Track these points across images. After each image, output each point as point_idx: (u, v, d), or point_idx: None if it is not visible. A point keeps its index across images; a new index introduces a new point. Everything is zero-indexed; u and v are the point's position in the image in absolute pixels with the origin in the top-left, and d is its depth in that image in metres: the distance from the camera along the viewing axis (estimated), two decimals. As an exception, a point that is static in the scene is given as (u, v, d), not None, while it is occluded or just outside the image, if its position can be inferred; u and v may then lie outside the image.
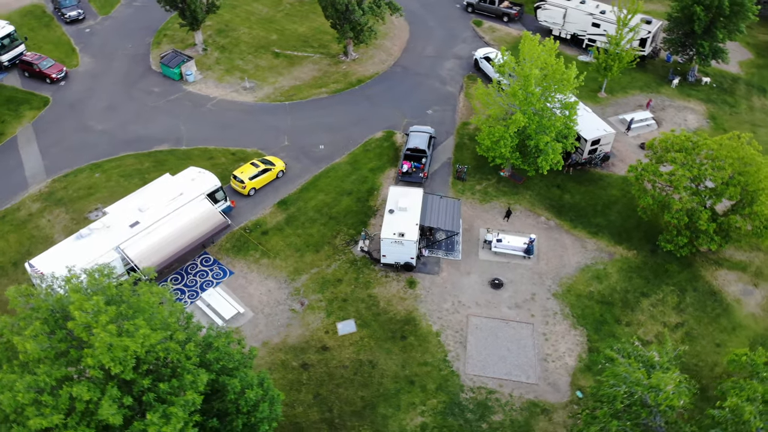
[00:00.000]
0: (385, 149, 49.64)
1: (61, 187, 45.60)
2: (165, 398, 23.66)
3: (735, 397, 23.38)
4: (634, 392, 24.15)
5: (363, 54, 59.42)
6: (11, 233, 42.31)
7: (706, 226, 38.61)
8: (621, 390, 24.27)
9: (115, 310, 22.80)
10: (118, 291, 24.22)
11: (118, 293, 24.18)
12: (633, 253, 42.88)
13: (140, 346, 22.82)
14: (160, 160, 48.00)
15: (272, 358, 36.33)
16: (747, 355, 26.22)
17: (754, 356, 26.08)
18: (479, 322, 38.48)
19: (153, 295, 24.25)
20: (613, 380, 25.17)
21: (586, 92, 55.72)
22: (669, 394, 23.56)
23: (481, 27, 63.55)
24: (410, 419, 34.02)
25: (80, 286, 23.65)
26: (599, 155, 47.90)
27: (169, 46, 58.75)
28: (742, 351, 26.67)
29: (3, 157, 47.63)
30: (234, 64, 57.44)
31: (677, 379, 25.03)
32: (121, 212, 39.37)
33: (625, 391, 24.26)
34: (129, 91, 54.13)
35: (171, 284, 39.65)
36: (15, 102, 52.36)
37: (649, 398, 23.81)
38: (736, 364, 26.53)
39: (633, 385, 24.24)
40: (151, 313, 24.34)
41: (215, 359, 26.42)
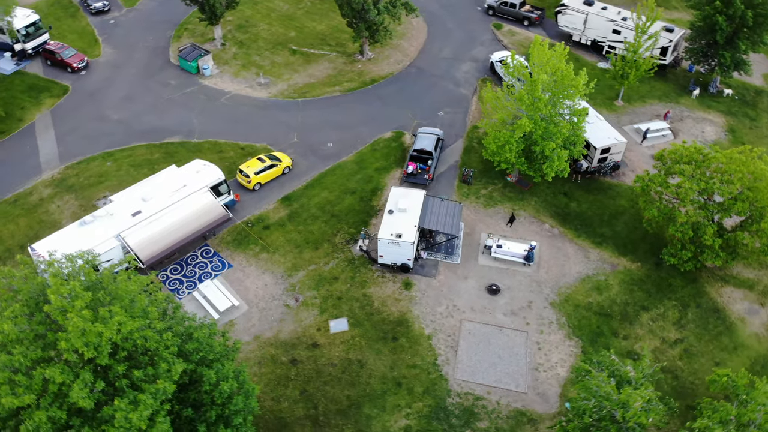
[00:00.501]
0: (393, 149, 49.57)
1: (73, 174, 46.65)
2: (139, 385, 24.03)
3: (706, 419, 22.72)
4: (603, 407, 23.66)
5: (379, 54, 59.42)
6: (21, 217, 43.44)
7: (712, 241, 37.65)
8: (590, 404, 23.79)
9: (91, 296, 23.24)
10: (98, 277, 24.68)
11: (98, 280, 24.65)
12: (637, 265, 42.03)
13: (115, 332, 23.21)
14: (171, 152, 48.74)
15: (262, 352, 36.60)
16: (728, 375, 25.45)
17: (736, 377, 25.30)
18: (472, 328, 38.16)
19: (132, 284, 24.63)
20: (584, 393, 24.71)
21: (602, 100, 54.85)
22: (637, 411, 23.01)
23: (500, 30, 62.97)
24: (394, 421, 33.93)
25: (61, 271, 24.17)
26: (609, 164, 47.06)
27: (188, 40, 59.61)
28: (723, 371, 25.92)
29: (20, 142, 48.93)
30: (251, 60, 58.01)
31: (648, 396, 24.41)
32: (125, 201, 40.11)
33: (594, 405, 23.78)
34: (147, 83, 55.09)
35: (170, 274, 40.29)
36: (36, 89, 53.75)
37: (617, 414, 23.30)
38: (717, 384, 25.77)
39: (602, 399, 23.74)
40: (131, 300, 24.72)
41: (194, 350, 26.73)
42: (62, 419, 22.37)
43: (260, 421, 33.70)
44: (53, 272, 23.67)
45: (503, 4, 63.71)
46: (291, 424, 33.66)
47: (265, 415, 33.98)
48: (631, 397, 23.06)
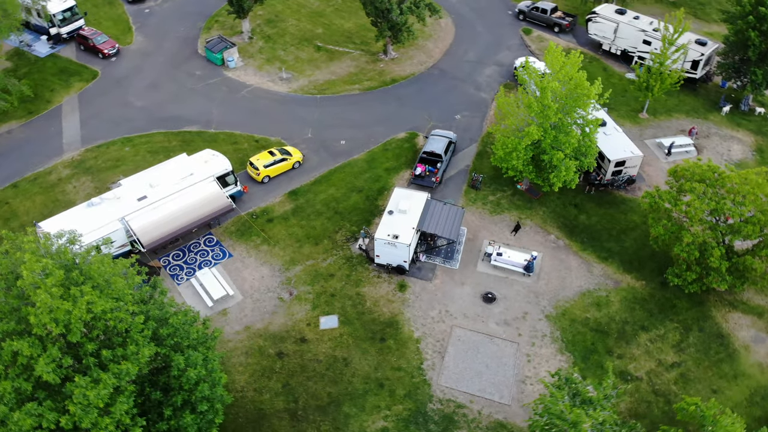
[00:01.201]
0: (405, 150, 49.40)
1: (92, 157, 48.14)
2: (106, 364, 24.65)
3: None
4: (553, 425, 23.02)
5: (403, 54, 59.30)
6: (38, 195, 45.07)
7: (718, 264, 36.20)
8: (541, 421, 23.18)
9: (63, 274, 23.96)
10: (73, 257, 25.43)
11: (74, 260, 25.40)
12: (641, 283, 40.79)
13: (85, 311, 23.86)
14: (187, 140, 49.77)
15: (251, 343, 37.03)
16: (697, 404, 24.39)
17: (704, 407, 24.22)
18: (463, 334, 37.72)
19: (106, 266, 25.27)
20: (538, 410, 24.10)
21: (626, 111, 53.46)
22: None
23: (529, 35, 61.99)
24: (372, 422, 33.84)
25: (38, 248, 25.00)
26: (623, 177, 45.77)
27: (218, 32, 60.72)
28: (692, 400, 24.84)
29: (46, 123, 50.75)
30: (275, 54, 58.70)
31: (601, 417, 23.59)
32: (134, 185, 41.15)
33: (546, 423, 23.15)
34: (172, 72, 56.37)
35: (171, 259, 41.16)
36: (67, 73, 55.66)
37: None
38: (685, 413, 24.74)
39: (554, 417, 23.09)
40: (106, 282, 25.36)
41: (168, 335, 27.25)
42: (27, 391, 23.14)
43: (240, 410, 34.13)
44: (29, 249, 24.50)
45: (534, 9, 62.72)
46: (270, 416, 33.95)
47: (246, 405, 34.38)
48: (581, 418, 22.35)
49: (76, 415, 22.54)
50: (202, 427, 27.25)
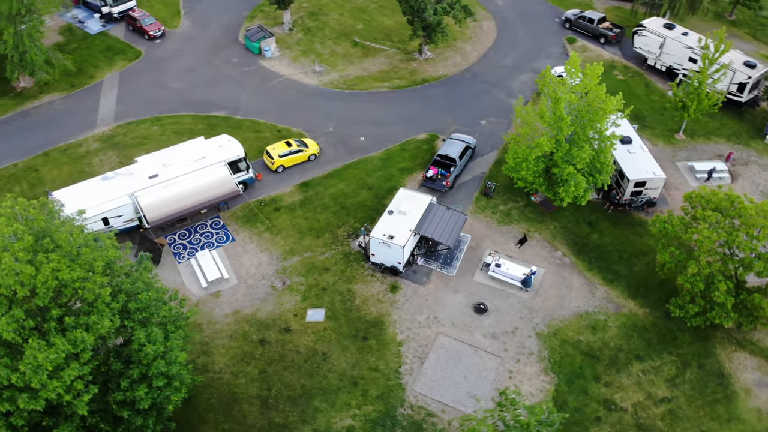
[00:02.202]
0: (422, 152, 48.96)
1: (122, 133, 50.14)
2: (68, 330, 25.69)
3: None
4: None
5: (438, 55, 58.73)
6: (66, 165, 47.33)
7: (723, 299, 34.11)
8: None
9: (32, 240, 25.13)
10: (46, 225, 26.60)
11: (47, 227, 26.56)
12: (644, 311, 38.95)
13: (50, 277, 24.95)
14: (213, 125, 51.05)
15: (237, 327, 37.69)
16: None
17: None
18: (447, 343, 37.11)
19: (73, 236, 26.28)
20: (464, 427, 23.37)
21: (662, 131, 51.12)
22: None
23: (573, 45, 60.10)
24: (340, 419, 33.82)
25: (13, 213, 26.27)
26: (642, 199, 43.74)
27: (260, 21, 61.92)
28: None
29: (86, 97, 53.17)
30: (312, 47, 59.32)
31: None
32: (148, 163, 42.60)
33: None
34: (211, 58, 57.91)
35: (177, 238, 42.38)
36: (113, 51, 58.13)
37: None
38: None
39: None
40: (77, 251, 26.41)
41: (137, 309, 28.11)
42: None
43: (214, 392, 34.84)
44: (4, 213, 25.81)
45: (581, 18, 60.77)
46: (241, 400, 34.48)
47: (221, 387, 35.05)
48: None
49: (26, 374, 23.62)
50: (160, 401, 27.96)
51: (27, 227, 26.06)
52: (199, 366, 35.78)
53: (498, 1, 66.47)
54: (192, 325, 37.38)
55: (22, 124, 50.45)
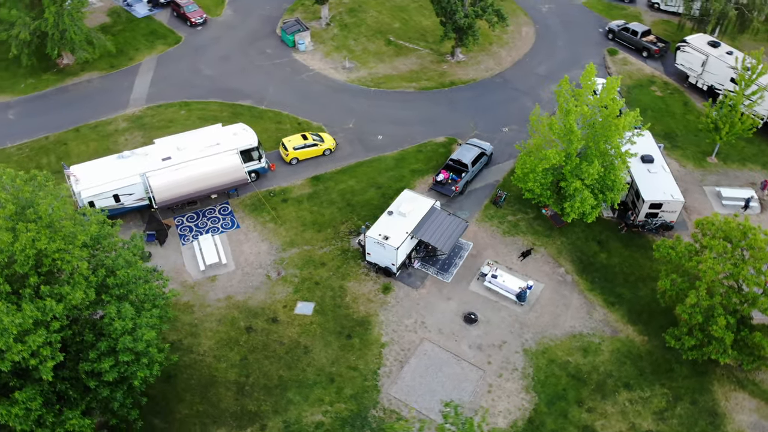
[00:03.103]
0: (438, 155, 48.42)
1: (150, 115, 51.83)
2: (42, 298, 26.82)
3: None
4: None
5: (471, 58, 57.92)
6: (94, 141, 49.31)
7: (721, 334, 32.22)
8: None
9: (14, 209, 26.34)
10: (32, 197, 27.79)
11: (32, 198, 27.75)
12: (642, 338, 37.29)
13: (28, 246, 26.09)
14: (237, 113, 52.07)
15: (227, 312, 38.35)
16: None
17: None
18: (430, 349, 36.62)
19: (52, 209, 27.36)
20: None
21: (693, 152, 48.80)
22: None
23: (613, 57, 58.09)
24: (311, 413, 33.93)
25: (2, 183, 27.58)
26: (657, 221, 41.83)
27: (300, 15, 62.68)
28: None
29: (122, 78, 55.22)
30: (345, 43, 59.60)
31: None
32: (163, 146, 43.86)
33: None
34: (246, 48, 59.05)
35: (185, 220, 43.47)
36: (155, 35, 60.11)
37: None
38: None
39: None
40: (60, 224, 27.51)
41: (115, 285, 29.03)
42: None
43: (195, 373, 35.59)
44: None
45: (625, 30, 58.66)
46: (218, 384, 35.07)
47: (202, 369, 35.76)
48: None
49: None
50: (127, 375, 28.74)
51: (12, 196, 27.33)
52: (184, 346, 36.66)
53: (542, 8, 64.98)
54: (181, 307, 38.40)
55: (60, 99, 52.88)
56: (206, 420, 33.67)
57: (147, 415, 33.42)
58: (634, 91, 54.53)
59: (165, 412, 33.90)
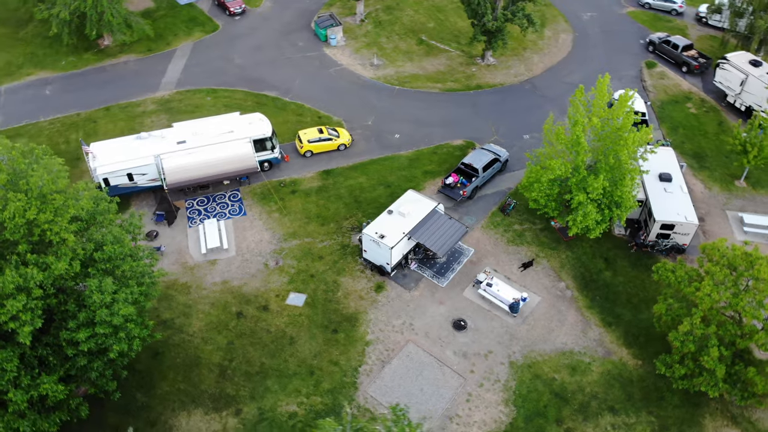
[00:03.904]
0: (453, 158, 47.89)
1: (178, 99, 53.29)
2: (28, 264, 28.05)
3: None
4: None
5: (502, 62, 57.00)
6: (122, 121, 51.06)
7: (713, 366, 30.70)
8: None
9: (5, 179, 27.66)
10: (26, 168, 29.03)
11: (26, 170, 28.98)
12: (636, 363, 35.90)
13: (18, 215, 27.31)
14: (261, 103, 52.93)
15: (221, 296, 39.06)
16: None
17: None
18: (414, 352, 36.31)
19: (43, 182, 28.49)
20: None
21: (721, 174, 46.61)
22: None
23: (651, 69, 56.07)
24: (286, 403, 34.21)
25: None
26: (668, 243, 40.12)
27: (337, 9, 63.11)
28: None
29: (157, 62, 56.97)
30: (376, 40, 59.65)
31: None
32: (181, 130, 45.01)
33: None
34: (279, 39, 59.91)
35: (196, 204, 44.53)
36: (194, 22, 61.73)
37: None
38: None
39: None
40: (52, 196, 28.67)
41: (101, 260, 30.05)
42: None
43: (181, 352, 36.41)
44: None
45: (666, 42, 56.52)
46: (202, 365, 35.77)
47: (189, 349, 36.55)
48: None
49: (-27, 297, 26.13)
50: (105, 347, 29.66)
51: (8, 167, 28.66)
52: (176, 325, 37.57)
53: (584, 16, 63.33)
54: (179, 287, 39.37)
55: (96, 78, 54.99)
56: (185, 399, 34.43)
57: (130, 389, 34.51)
58: (668, 106, 52.46)
59: (148, 387, 34.86)
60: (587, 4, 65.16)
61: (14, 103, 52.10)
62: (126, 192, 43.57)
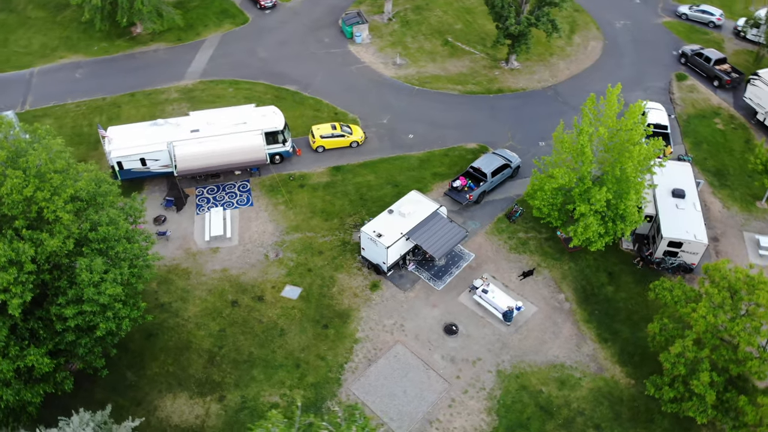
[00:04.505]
0: (465, 161, 47.41)
1: (200, 89, 54.31)
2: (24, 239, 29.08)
3: None
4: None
5: (526, 67, 56.14)
6: (144, 107, 52.34)
7: (703, 391, 29.60)
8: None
9: (5, 156, 28.72)
10: (26, 146, 30.05)
11: (26, 149, 30.01)
12: (628, 381, 34.88)
13: (15, 191, 28.35)
14: (281, 96, 53.48)
15: (217, 283, 39.66)
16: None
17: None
18: (401, 353, 36.13)
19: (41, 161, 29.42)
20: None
21: (742, 194, 44.90)
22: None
23: (680, 82, 54.37)
24: (269, 394, 34.51)
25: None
26: (674, 262, 38.82)
27: (365, 7, 63.26)
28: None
29: (185, 51, 58.19)
30: (401, 40, 59.53)
31: None
32: (196, 118, 45.87)
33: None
34: (306, 35, 60.43)
35: (206, 192, 45.33)
36: (225, 14, 62.82)
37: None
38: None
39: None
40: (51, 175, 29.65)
41: (96, 240, 30.89)
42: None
43: (174, 335, 37.12)
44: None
45: (698, 55, 54.73)
46: (191, 350, 36.37)
47: (182, 333, 37.21)
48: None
49: (-35, 267, 27.21)
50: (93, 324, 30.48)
51: (11, 145, 29.75)
52: (172, 309, 38.32)
53: (617, 24, 61.85)
54: (180, 272, 40.14)
55: (126, 64, 56.53)
56: (172, 381, 35.11)
57: (121, 367, 35.40)
58: (694, 121, 50.75)
59: (138, 367, 35.67)
60: (622, 12, 63.61)
61: (45, 84, 54.03)
62: (139, 176, 44.69)
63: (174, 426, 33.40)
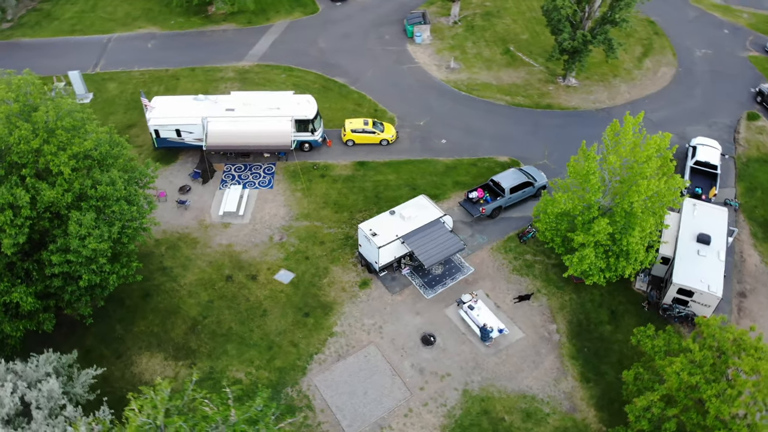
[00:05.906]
0: (491, 173, 46.01)
1: (255, 72, 56.28)
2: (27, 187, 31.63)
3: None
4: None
5: (584, 85, 53.61)
6: (200, 83, 54.95)
7: (663, 451, 27.29)
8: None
9: (18, 108, 31.29)
10: (40, 102, 32.52)
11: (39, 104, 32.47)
12: (600, 428, 32.71)
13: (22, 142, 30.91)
14: (327, 87, 54.37)
15: (219, 257, 41.06)
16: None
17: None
18: (372, 354, 35.85)
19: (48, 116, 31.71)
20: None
21: (765, 236, 40.66)
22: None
23: (751, 122, 49.86)
24: (236, 370, 35.39)
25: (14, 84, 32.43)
26: (683, 311, 35.79)
27: (434, 8, 62.85)
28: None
29: (251, 34, 60.47)
30: (461, 44, 58.63)
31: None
32: (235, 98, 47.63)
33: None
34: (369, 30, 60.95)
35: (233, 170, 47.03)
36: (297, 2, 64.63)
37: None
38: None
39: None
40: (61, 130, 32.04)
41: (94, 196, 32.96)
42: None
43: (165, 298, 38.87)
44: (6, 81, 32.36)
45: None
46: (178, 315, 37.90)
47: (173, 298, 38.85)
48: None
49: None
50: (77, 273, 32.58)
51: (25, 98, 32.37)
52: (173, 274, 40.14)
53: (697, 52, 57.63)
54: (189, 241, 41.96)
55: (195, 40, 59.63)
56: (153, 341, 36.86)
57: (113, 321, 37.61)
58: (753, 164, 46.42)
59: (128, 323, 37.75)
60: (706, 40, 59.15)
61: (119, 50, 58.07)
62: (175, 146, 47.10)
63: (144, 382, 35.00)
